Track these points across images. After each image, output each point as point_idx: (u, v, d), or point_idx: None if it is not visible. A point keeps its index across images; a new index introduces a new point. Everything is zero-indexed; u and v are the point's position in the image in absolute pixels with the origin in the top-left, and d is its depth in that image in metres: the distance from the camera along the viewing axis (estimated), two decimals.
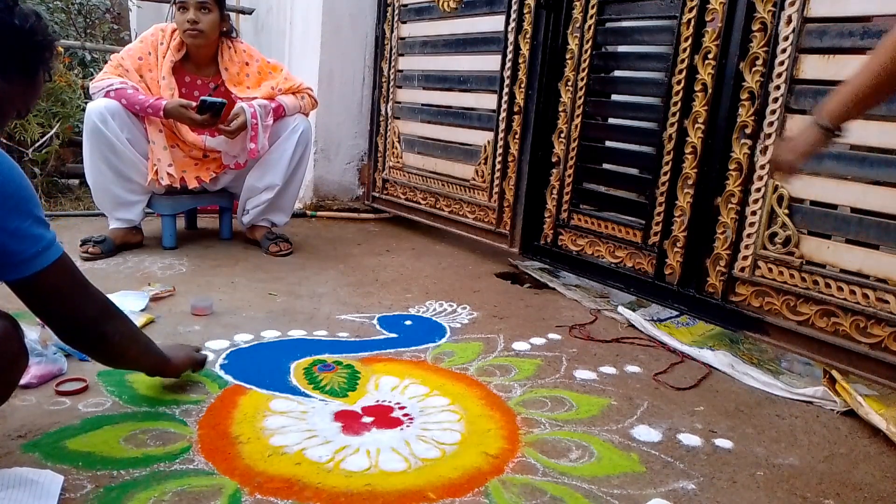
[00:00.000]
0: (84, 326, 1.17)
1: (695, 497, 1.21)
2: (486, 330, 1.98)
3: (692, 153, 1.98)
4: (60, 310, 1.13)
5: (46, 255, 1.07)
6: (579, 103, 2.35)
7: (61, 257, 1.10)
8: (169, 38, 2.49)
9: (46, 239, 1.08)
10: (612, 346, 1.93)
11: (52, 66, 1.14)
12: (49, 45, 1.10)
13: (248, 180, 2.66)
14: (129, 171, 2.44)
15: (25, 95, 1.11)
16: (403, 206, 3.23)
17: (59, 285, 1.11)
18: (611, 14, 2.26)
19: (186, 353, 1.47)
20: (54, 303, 1.12)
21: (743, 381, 1.73)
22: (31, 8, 1.08)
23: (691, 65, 1.97)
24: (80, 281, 1.16)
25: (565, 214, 2.43)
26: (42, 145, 3.12)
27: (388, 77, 3.28)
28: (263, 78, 2.62)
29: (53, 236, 1.10)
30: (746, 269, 1.86)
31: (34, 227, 1.06)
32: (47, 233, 1.08)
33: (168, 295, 2.05)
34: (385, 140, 3.33)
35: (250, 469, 1.19)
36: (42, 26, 1.08)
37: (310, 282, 2.31)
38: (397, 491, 1.16)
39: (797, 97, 1.74)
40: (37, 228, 1.06)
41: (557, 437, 1.38)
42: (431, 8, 2.98)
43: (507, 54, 2.58)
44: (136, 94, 2.41)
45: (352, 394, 1.51)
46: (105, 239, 2.44)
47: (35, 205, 1.06)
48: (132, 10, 5.23)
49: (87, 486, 1.10)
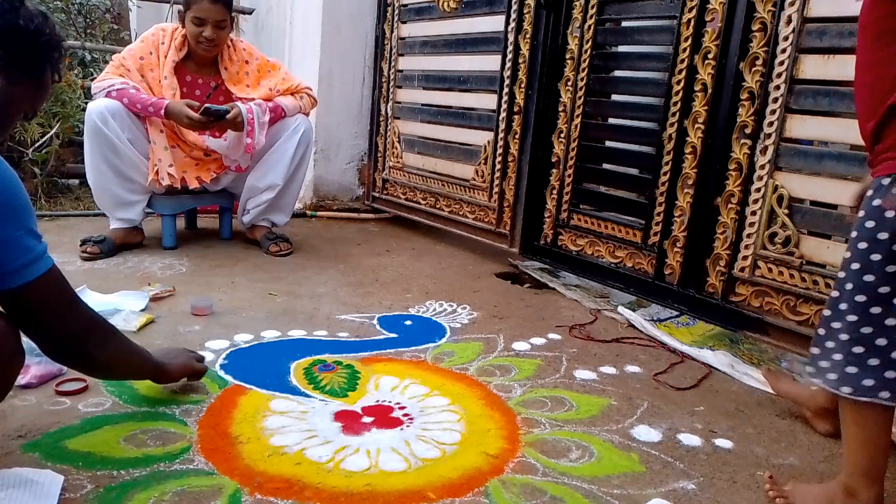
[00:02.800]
0: (68, 344, 1.15)
1: (695, 497, 1.21)
2: (486, 330, 1.98)
3: (692, 153, 1.98)
4: (45, 325, 1.10)
5: (35, 267, 1.05)
6: (579, 103, 2.35)
7: (50, 271, 1.08)
8: (170, 38, 2.49)
9: (36, 251, 1.05)
10: (612, 346, 1.93)
11: (60, 67, 1.12)
12: (56, 45, 1.08)
13: (248, 180, 2.66)
14: (129, 170, 2.44)
15: (32, 97, 1.09)
16: (403, 206, 3.23)
17: (45, 299, 1.08)
18: (611, 14, 2.26)
19: (183, 361, 1.42)
20: (39, 317, 1.09)
21: (743, 381, 1.73)
22: (38, 8, 1.07)
23: (691, 65, 1.97)
24: (68, 297, 1.13)
25: (565, 214, 2.43)
26: (42, 145, 3.12)
27: (388, 77, 3.28)
28: (262, 76, 2.62)
29: (44, 249, 1.08)
30: (746, 269, 1.86)
31: (25, 238, 1.03)
32: (38, 245, 1.06)
33: (168, 295, 2.05)
34: (385, 140, 3.33)
35: (250, 469, 1.19)
36: (49, 26, 1.06)
37: (310, 282, 2.31)
38: (397, 491, 1.16)
39: (797, 97, 1.74)
40: (28, 239, 1.04)
41: (557, 437, 1.38)
42: (431, 8, 2.98)
43: (507, 54, 2.58)
44: (137, 95, 2.41)
45: (352, 394, 1.51)
46: (105, 238, 2.44)
47: (29, 216, 1.05)
48: (132, 10, 5.23)
49: (87, 486, 1.10)
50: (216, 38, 2.43)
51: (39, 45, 1.05)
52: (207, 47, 2.45)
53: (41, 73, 1.08)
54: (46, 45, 1.06)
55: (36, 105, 1.12)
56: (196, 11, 2.39)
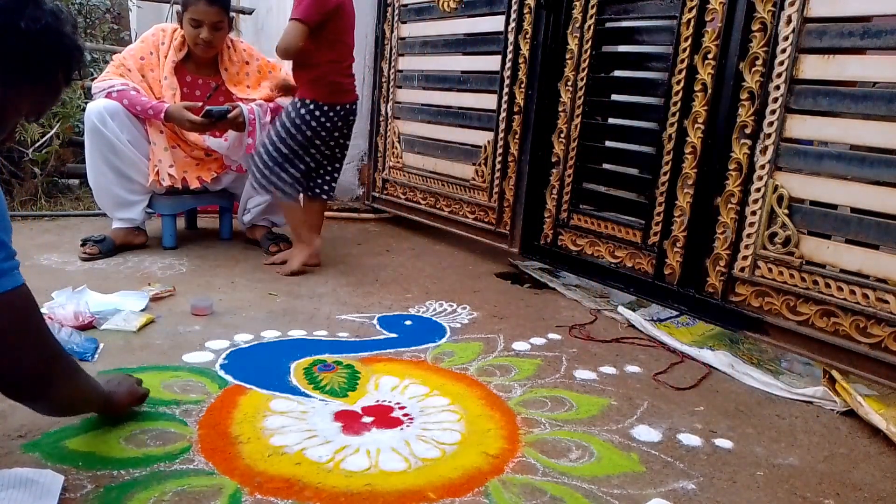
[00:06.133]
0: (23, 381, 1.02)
1: (695, 497, 1.21)
2: (486, 330, 1.98)
3: (692, 153, 1.98)
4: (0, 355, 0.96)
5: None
6: (579, 103, 2.35)
7: (14, 291, 0.95)
8: (170, 39, 2.49)
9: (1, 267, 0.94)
10: (612, 346, 1.93)
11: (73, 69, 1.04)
12: (66, 48, 1.00)
13: (249, 179, 2.66)
14: (129, 170, 2.45)
15: (35, 100, 1.02)
16: (403, 206, 3.23)
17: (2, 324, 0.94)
18: (611, 14, 2.26)
19: (127, 388, 1.31)
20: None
21: (743, 381, 1.73)
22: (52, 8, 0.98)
23: (691, 65, 1.97)
24: (32, 325, 0.99)
25: (565, 214, 2.43)
26: (42, 145, 3.12)
27: (388, 77, 3.28)
28: (263, 77, 2.63)
29: (11, 267, 0.95)
30: (746, 269, 1.86)
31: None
32: (5, 263, 0.94)
33: (168, 295, 2.05)
34: (385, 140, 3.33)
35: (250, 469, 1.19)
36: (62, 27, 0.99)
37: (310, 282, 2.32)
38: (397, 491, 1.16)
39: (797, 97, 1.74)
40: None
41: (557, 437, 1.38)
42: (431, 8, 2.98)
43: (507, 54, 2.58)
44: (138, 97, 2.41)
45: (352, 394, 1.51)
46: (104, 238, 2.44)
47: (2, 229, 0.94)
48: (132, 10, 5.24)
49: (87, 486, 1.10)
50: (213, 40, 2.43)
51: (43, 48, 0.97)
52: (205, 49, 2.46)
53: (45, 77, 1.00)
54: (53, 48, 0.98)
55: (41, 108, 1.05)
56: (193, 13, 2.39)
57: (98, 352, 1.62)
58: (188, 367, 1.58)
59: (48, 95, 1.04)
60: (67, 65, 1.03)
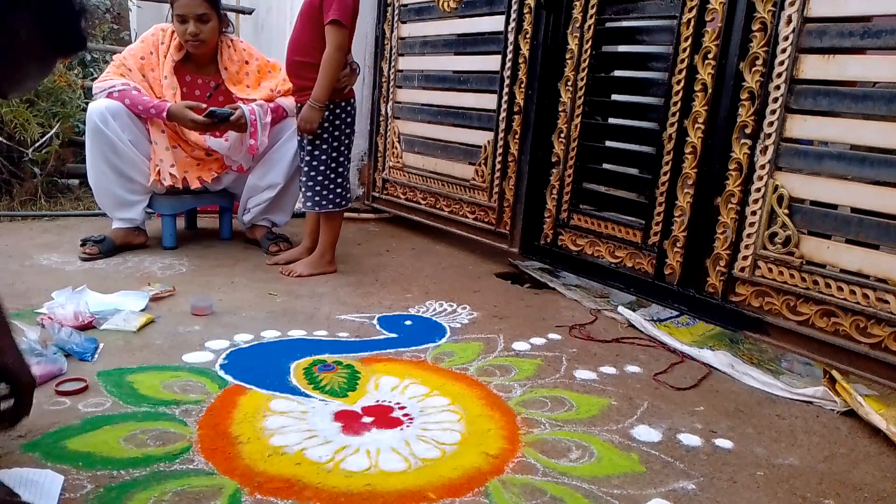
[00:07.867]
0: None
1: (695, 497, 1.21)
2: (486, 330, 1.98)
3: (692, 153, 1.98)
4: None
5: None
6: (579, 103, 2.35)
7: None
8: (169, 39, 2.49)
9: None
10: (612, 346, 1.93)
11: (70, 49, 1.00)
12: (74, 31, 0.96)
13: (250, 179, 2.67)
14: (130, 171, 2.45)
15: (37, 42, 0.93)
16: (403, 206, 3.23)
17: None
18: (611, 14, 2.26)
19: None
20: None
21: (743, 381, 1.73)
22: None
23: (691, 65, 1.97)
24: None
25: (565, 214, 2.43)
26: (42, 145, 3.12)
27: (388, 77, 3.28)
28: (263, 77, 2.63)
29: None
30: (746, 269, 1.86)
31: None
32: None
33: (168, 295, 2.05)
34: (385, 140, 3.33)
35: (250, 469, 1.19)
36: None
37: (309, 282, 2.31)
38: (397, 491, 1.16)
39: (797, 97, 1.74)
40: None
41: (557, 437, 1.38)
42: (431, 8, 2.98)
43: (507, 54, 2.58)
44: (139, 96, 2.41)
45: (352, 394, 1.51)
46: (104, 238, 2.44)
47: None
48: (132, 10, 5.24)
49: (87, 486, 1.10)
50: (200, 33, 2.42)
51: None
52: (194, 43, 2.44)
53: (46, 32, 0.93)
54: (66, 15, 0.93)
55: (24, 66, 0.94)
56: (177, 9, 2.40)
57: (98, 352, 1.62)
58: (188, 367, 1.58)
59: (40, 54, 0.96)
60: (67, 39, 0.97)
